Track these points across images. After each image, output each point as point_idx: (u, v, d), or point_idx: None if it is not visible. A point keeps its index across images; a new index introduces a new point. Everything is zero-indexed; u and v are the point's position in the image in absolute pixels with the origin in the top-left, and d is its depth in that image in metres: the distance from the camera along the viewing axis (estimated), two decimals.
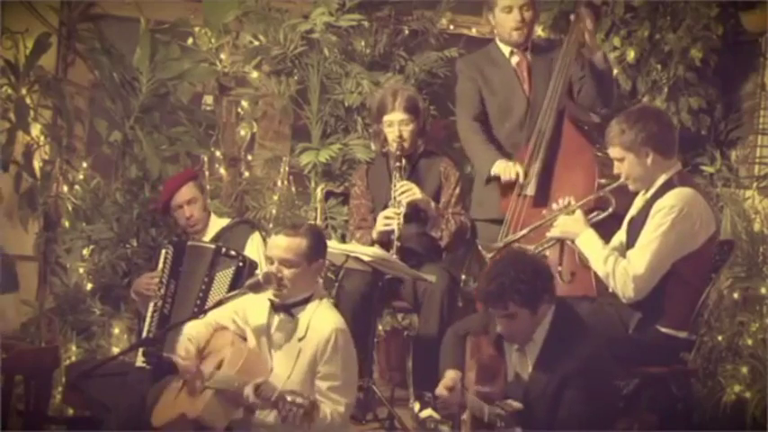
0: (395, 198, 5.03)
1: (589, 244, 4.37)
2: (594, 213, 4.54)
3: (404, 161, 5.09)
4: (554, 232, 4.50)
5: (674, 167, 4.37)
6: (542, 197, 4.93)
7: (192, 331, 4.16)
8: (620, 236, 4.51)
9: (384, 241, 5.02)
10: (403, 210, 4.99)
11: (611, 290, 4.33)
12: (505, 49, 5.26)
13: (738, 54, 5.91)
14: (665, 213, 4.23)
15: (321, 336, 3.99)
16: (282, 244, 4.06)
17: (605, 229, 4.53)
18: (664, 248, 4.23)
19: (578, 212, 4.46)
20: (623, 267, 4.26)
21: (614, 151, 4.37)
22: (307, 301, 4.09)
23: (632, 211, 4.47)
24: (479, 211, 5.25)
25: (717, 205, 5.49)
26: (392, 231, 4.96)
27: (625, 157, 4.33)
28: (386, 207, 5.09)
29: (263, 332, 4.12)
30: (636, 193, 4.47)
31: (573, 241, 4.44)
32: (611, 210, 4.50)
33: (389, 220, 5.00)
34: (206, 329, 4.19)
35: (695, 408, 4.78)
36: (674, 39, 5.75)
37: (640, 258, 4.24)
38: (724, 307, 5.12)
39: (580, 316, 4.11)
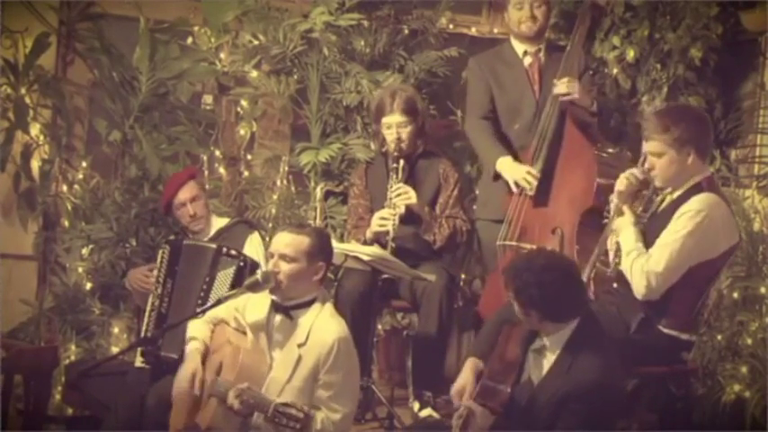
0: (390, 199, 5.02)
1: (625, 239, 4.29)
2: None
3: (402, 162, 5.08)
4: (613, 237, 4.40)
5: (706, 171, 4.31)
6: (543, 197, 4.93)
7: (196, 332, 4.16)
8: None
9: (379, 241, 5.02)
10: (399, 211, 4.99)
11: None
12: (519, 49, 5.25)
13: (738, 53, 5.89)
14: (690, 217, 4.16)
15: (323, 344, 3.95)
16: (285, 239, 4.05)
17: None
18: (684, 250, 4.16)
19: (627, 211, 4.33)
20: (640, 264, 4.19)
21: (653, 146, 4.22)
22: (308, 304, 4.06)
23: (655, 207, 4.40)
24: (484, 211, 5.26)
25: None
26: (387, 232, 4.95)
27: (665, 153, 4.20)
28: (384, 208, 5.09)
29: (263, 329, 4.10)
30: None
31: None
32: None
33: (384, 221, 4.99)
34: (207, 327, 4.19)
35: (695, 407, 4.77)
36: (674, 38, 5.73)
37: (659, 256, 4.17)
38: (724, 306, 5.09)
39: (603, 330, 3.99)
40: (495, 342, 4.02)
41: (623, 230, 4.31)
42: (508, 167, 5.04)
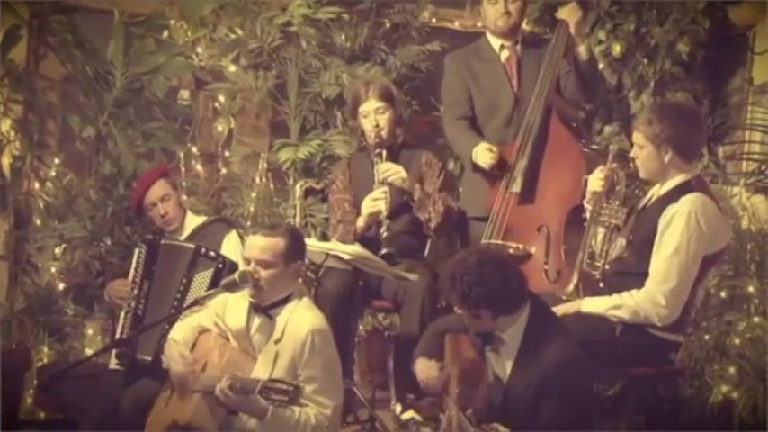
0: (378, 182, 4.95)
1: (593, 305, 4.25)
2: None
3: (385, 153, 5.01)
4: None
5: (694, 170, 4.29)
6: (528, 194, 4.87)
7: (179, 335, 4.12)
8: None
9: (368, 235, 4.96)
10: (386, 194, 4.91)
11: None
12: (495, 44, 5.19)
13: (725, 48, 5.90)
14: (685, 219, 4.13)
15: (297, 338, 3.92)
16: (260, 244, 3.99)
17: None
18: (690, 253, 4.13)
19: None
20: (643, 294, 4.15)
21: (637, 137, 4.28)
22: (285, 301, 4.03)
23: (644, 202, 4.39)
24: (468, 208, 5.19)
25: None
26: (380, 212, 4.89)
27: (645, 147, 4.24)
28: None
29: (244, 335, 4.06)
30: None
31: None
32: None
33: (376, 201, 4.92)
34: (191, 332, 4.15)
35: (682, 408, 4.74)
36: (661, 33, 5.75)
37: (667, 271, 4.14)
38: (711, 306, 5.09)
39: (556, 316, 4.04)
40: (441, 347, 4.05)
41: (582, 305, 4.24)
42: (482, 156, 4.96)
